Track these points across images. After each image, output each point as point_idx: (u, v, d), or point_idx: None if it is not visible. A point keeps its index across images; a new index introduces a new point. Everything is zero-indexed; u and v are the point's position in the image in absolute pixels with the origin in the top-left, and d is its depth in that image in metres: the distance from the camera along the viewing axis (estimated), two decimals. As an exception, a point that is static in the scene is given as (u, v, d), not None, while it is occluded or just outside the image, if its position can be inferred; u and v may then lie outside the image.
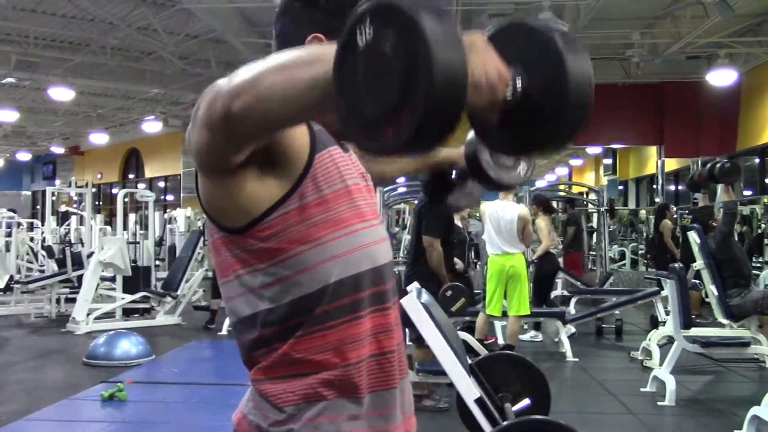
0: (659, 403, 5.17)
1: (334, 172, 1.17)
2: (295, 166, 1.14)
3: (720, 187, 6.83)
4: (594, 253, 13.57)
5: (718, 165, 6.49)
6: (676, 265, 5.72)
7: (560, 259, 10.16)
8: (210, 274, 9.52)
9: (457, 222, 7.47)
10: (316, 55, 0.94)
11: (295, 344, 1.14)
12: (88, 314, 8.84)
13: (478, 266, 10.19)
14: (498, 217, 6.37)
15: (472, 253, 9.16)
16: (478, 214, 8.40)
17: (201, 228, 10.56)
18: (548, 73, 0.90)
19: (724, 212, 6.38)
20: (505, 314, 6.53)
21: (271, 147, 1.11)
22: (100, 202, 22.67)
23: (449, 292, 4.79)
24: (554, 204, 18.44)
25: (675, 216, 10.62)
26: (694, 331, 5.66)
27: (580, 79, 0.89)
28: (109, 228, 13.72)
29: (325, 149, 1.19)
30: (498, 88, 0.89)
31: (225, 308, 1.26)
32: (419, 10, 0.79)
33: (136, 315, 9.73)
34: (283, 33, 1.28)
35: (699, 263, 6.47)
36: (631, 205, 17.76)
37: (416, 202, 7.26)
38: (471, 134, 1.55)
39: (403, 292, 3.68)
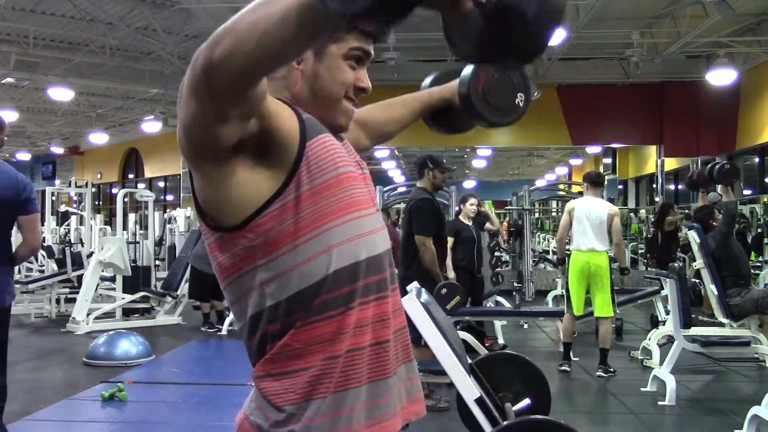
0: (659, 403, 5.17)
1: (327, 159, 1.18)
2: (287, 155, 1.14)
3: (719, 188, 6.81)
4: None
5: (717, 166, 6.48)
6: (676, 264, 5.72)
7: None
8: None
9: (464, 220, 7.42)
10: None
11: (294, 335, 1.15)
12: (88, 314, 8.84)
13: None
14: (588, 213, 6.20)
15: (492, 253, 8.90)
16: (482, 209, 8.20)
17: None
18: None
19: (724, 213, 6.37)
20: (586, 314, 6.42)
21: (260, 133, 1.11)
22: (100, 202, 22.66)
23: (444, 290, 4.76)
24: (554, 203, 18.60)
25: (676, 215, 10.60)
26: (694, 331, 5.66)
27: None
28: (108, 228, 13.73)
29: (317, 136, 1.19)
30: None
31: (231, 311, 1.27)
32: None
33: (136, 315, 9.72)
34: None
35: (699, 263, 6.47)
36: (631, 205, 17.76)
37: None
38: (465, 72, 1.62)
39: (403, 292, 3.68)
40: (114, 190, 21.24)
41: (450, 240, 7.20)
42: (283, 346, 1.15)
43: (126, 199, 11.56)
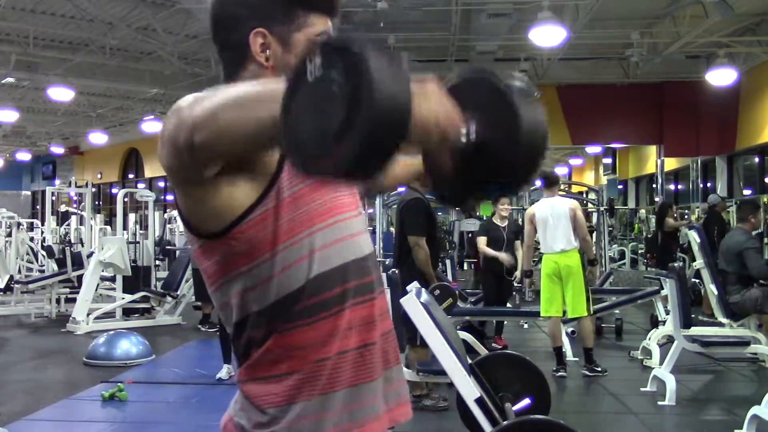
0: (659, 403, 5.17)
1: None
2: (268, 165, 1.15)
3: None
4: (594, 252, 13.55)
5: None
6: (676, 264, 5.72)
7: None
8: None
9: (496, 221, 7.44)
10: (271, 93, 0.95)
11: (277, 340, 1.16)
12: (88, 314, 8.84)
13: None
14: (550, 213, 6.15)
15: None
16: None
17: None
18: (503, 122, 0.94)
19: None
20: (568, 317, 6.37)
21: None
22: (100, 202, 22.65)
23: (437, 292, 4.76)
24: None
25: (676, 215, 10.62)
26: (694, 331, 5.66)
27: (533, 129, 0.93)
28: (109, 228, 13.73)
29: None
30: (448, 131, 0.91)
31: (219, 316, 1.28)
32: (367, 49, 0.82)
33: (136, 315, 9.72)
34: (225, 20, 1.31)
35: (699, 263, 6.46)
36: (631, 205, 17.75)
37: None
38: None
39: (404, 292, 3.68)
40: (114, 190, 21.23)
41: (483, 239, 7.31)
42: (266, 351, 1.16)
43: (126, 199, 11.56)
